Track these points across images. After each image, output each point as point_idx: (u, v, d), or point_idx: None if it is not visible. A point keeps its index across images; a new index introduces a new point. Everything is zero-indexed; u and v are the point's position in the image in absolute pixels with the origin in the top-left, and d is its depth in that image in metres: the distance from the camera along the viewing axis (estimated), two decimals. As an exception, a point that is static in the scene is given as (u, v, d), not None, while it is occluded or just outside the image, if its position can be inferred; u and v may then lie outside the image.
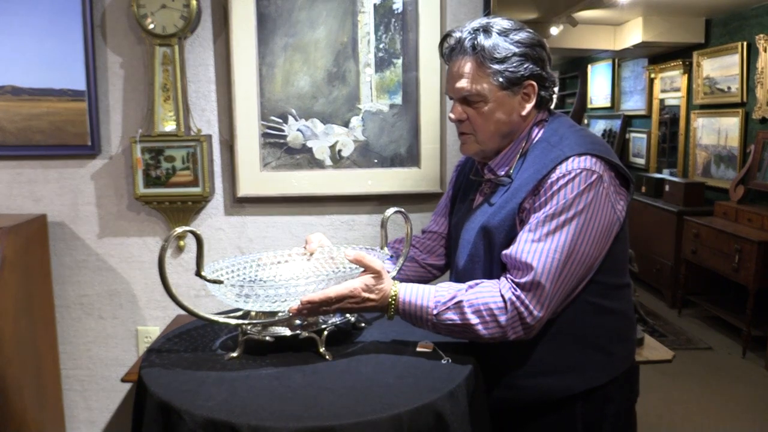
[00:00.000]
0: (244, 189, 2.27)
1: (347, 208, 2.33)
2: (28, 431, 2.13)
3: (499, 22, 1.39)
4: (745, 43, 4.75)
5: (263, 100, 2.23)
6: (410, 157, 2.26)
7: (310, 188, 2.27)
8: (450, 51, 1.42)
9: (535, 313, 1.28)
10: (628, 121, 6.90)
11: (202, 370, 1.34)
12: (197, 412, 1.15)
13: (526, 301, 1.28)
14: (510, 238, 1.36)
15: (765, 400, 3.54)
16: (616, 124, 7.01)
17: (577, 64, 8.18)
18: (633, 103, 6.81)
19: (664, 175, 5.65)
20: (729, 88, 4.97)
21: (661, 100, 6.18)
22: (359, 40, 2.21)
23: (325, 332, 1.42)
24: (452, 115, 1.44)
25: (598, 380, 1.41)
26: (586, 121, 7.83)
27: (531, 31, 1.40)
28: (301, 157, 2.27)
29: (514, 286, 1.29)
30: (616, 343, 1.44)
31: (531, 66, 1.37)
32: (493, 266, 1.39)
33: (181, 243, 2.33)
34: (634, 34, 5.51)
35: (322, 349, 1.40)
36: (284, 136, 2.26)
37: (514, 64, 1.36)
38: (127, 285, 2.36)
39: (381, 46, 2.22)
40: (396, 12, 2.20)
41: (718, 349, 4.29)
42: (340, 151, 2.26)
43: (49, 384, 2.31)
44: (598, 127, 7.44)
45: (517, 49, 1.36)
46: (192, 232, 1.40)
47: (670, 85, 5.98)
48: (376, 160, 2.27)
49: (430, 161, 2.26)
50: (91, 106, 2.23)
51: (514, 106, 1.40)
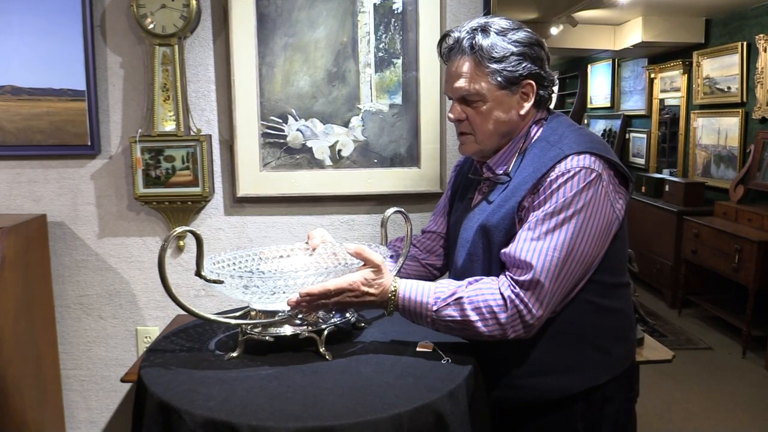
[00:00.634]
0: (244, 189, 2.27)
1: (347, 208, 2.33)
2: (28, 431, 2.13)
3: (498, 22, 1.39)
4: (745, 43, 4.75)
5: (263, 100, 2.23)
6: (410, 157, 2.26)
7: (310, 188, 2.27)
8: (448, 51, 1.43)
9: (535, 311, 1.28)
10: (628, 121, 6.90)
11: (202, 370, 1.34)
12: (197, 412, 1.15)
13: (526, 300, 1.27)
14: (509, 237, 1.36)
15: (765, 400, 3.54)
16: (616, 124, 7.01)
17: (577, 64, 8.18)
18: (633, 103, 6.81)
19: (664, 175, 5.65)
20: (729, 88, 4.97)
21: (661, 100, 6.18)
22: (359, 40, 2.21)
23: (325, 332, 1.42)
24: (451, 115, 1.44)
25: (598, 380, 1.41)
26: (586, 121, 7.83)
27: (529, 30, 1.41)
28: (301, 157, 2.27)
29: (514, 284, 1.29)
30: (616, 342, 1.44)
31: (529, 65, 1.38)
32: (492, 265, 1.39)
33: (181, 243, 2.33)
34: (633, 34, 5.51)
35: (322, 349, 1.40)
36: (284, 136, 2.26)
37: (513, 64, 1.36)
38: (127, 285, 2.36)
39: (381, 46, 2.22)
40: (396, 12, 2.20)
41: (718, 349, 4.29)
42: (340, 151, 2.26)
43: (49, 384, 2.31)
44: (598, 127, 7.44)
45: (515, 49, 1.36)
46: (192, 232, 1.40)
47: (670, 85, 5.99)
48: (375, 160, 2.27)
49: (429, 161, 2.26)
50: (91, 106, 2.23)
51: (512, 105, 1.40)
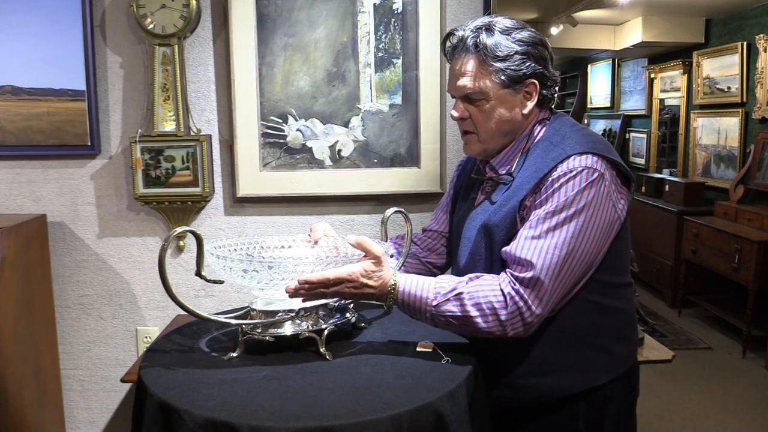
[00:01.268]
0: (244, 189, 2.27)
1: (347, 208, 2.33)
2: (28, 431, 2.13)
3: (502, 21, 1.39)
4: (745, 43, 4.75)
5: (263, 100, 2.23)
6: (410, 157, 2.26)
7: (310, 188, 2.27)
8: (452, 49, 1.43)
9: (534, 309, 1.28)
10: (628, 121, 6.90)
11: (202, 370, 1.34)
12: (197, 412, 1.15)
13: (526, 297, 1.27)
14: (510, 236, 1.36)
15: (765, 400, 3.54)
16: (616, 124, 7.01)
17: (577, 64, 8.18)
18: (633, 103, 6.81)
19: (664, 175, 5.65)
20: (729, 88, 4.97)
21: (661, 100, 6.18)
22: (359, 40, 2.21)
23: (325, 332, 1.42)
24: (454, 113, 1.44)
25: (599, 380, 1.41)
26: (586, 121, 7.83)
27: (533, 30, 1.41)
28: (301, 157, 2.27)
29: (514, 281, 1.29)
30: (617, 342, 1.44)
31: (533, 64, 1.38)
32: (494, 264, 1.39)
33: (181, 243, 2.33)
34: (633, 34, 5.51)
35: (322, 349, 1.40)
36: (284, 136, 2.26)
37: (516, 63, 1.36)
38: (127, 285, 2.36)
39: (381, 46, 2.22)
40: (396, 12, 2.20)
41: (718, 349, 4.29)
42: (339, 151, 2.26)
43: (49, 384, 2.31)
44: (598, 127, 7.44)
45: (519, 48, 1.37)
46: (192, 232, 1.40)
47: (670, 85, 5.99)
48: (376, 160, 2.27)
49: (430, 161, 2.26)
50: (90, 106, 2.23)
51: (515, 104, 1.40)
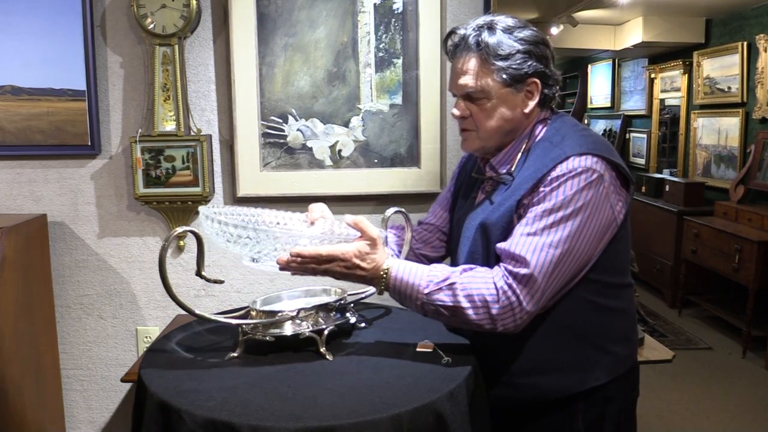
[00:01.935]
0: (244, 189, 2.27)
1: (347, 208, 2.32)
2: (28, 431, 2.13)
3: (504, 20, 1.39)
4: (746, 43, 4.75)
5: (263, 100, 2.23)
6: (410, 157, 2.26)
7: (310, 188, 2.27)
8: (454, 48, 1.43)
9: (525, 305, 1.27)
10: (628, 121, 6.90)
11: (202, 370, 1.34)
12: (197, 412, 1.15)
13: (518, 292, 1.27)
14: (507, 235, 1.36)
15: (765, 400, 3.54)
16: (616, 124, 7.01)
17: (577, 64, 8.18)
18: (633, 103, 6.81)
19: (664, 175, 5.65)
20: (729, 88, 4.97)
21: (661, 100, 6.18)
22: (359, 40, 2.21)
23: (326, 332, 1.42)
24: (455, 112, 1.44)
25: (598, 380, 1.41)
26: (586, 121, 7.83)
27: (535, 29, 1.41)
28: (301, 157, 2.27)
29: (508, 275, 1.28)
30: (617, 342, 1.44)
31: (535, 63, 1.38)
32: (491, 262, 1.39)
33: (181, 243, 2.33)
34: (634, 34, 5.51)
35: (322, 349, 1.40)
36: (284, 136, 2.26)
37: (518, 61, 1.36)
38: (127, 285, 2.36)
39: (381, 46, 2.22)
40: (396, 12, 2.20)
41: (718, 349, 4.29)
42: (340, 151, 2.26)
43: (49, 384, 2.31)
44: (598, 127, 7.44)
45: (521, 47, 1.36)
46: (192, 232, 1.40)
47: (670, 85, 5.99)
48: (376, 160, 2.27)
49: (430, 161, 2.26)
50: (91, 106, 2.23)
51: (517, 103, 1.40)
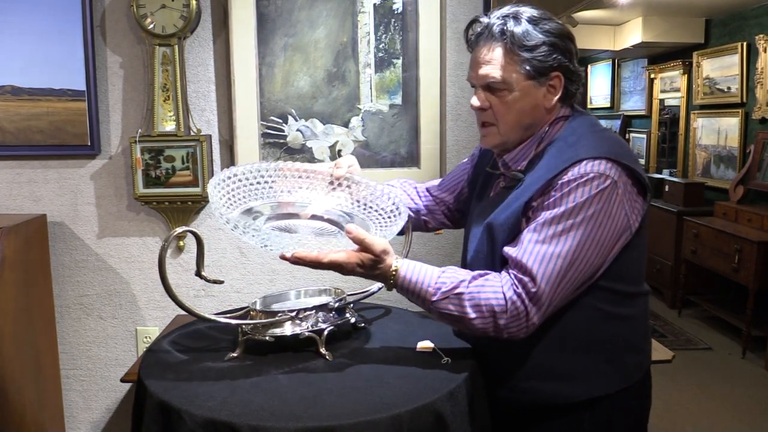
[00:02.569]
0: (244, 189, 2.26)
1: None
2: (28, 431, 2.13)
3: (529, 10, 1.34)
4: (745, 44, 4.75)
5: (263, 100, 2.23)
6: (410, 157, 2.26)
7: (310, 188, 2.27)
8: (476, 37, 1.37)
9: (532, 316, 1.25)
10: (628, 122, 6.90)
11: (202, 370, 1.34)
12: (197, 412, 1.15)
13: (527, 303, 1.25)
14: (513, 236, 1.32)
15: (765, 401, 3.54)
16: (616, 125, 7.01)
17: (576, 65, 8.17)
18: (633, 104, 6.81)
19: (664, 176, 5.65)
20: (729, 89, 4.97)
21: (661, 101, 6.18)
22: (359, 40, 2.21)
23: (325, 332, 1.42)
24: (475, 102, 1.38)
25: (604, 389, 1.36)
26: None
27: (560, 22, 1.36)
28: (301, 157, 2.26)
29: (517, 285, 1.26)
30: (627, 352, 1.39)
31: (559, 57, 1.33)
32: (495, 263, 1.35)
33: (181, 243, 2.33)
34: (633, 34, 5.51)
35: (322, 349, 1.40)
36: (284, 137, 2.26)
37: (543, 54, 1.31)
38: (127, 285, 2.36)
39: (381, 46, 2.22)
40: (396, 12, 2.20)
41: (718, 350, 4.29)
42: (339, 151, 2.26)
43: (49, 384, 2.31)
44: (598, 127, 7.43)
45: (546, 38, 1.32)
46: (192, 232, 1.40)
47: (670, 86, 5.99)
48: (375, 161, 2.27)
49: (429, 161, 2.25)
50: (90, 106, 2.23)
51: (538, 97, 1.35)
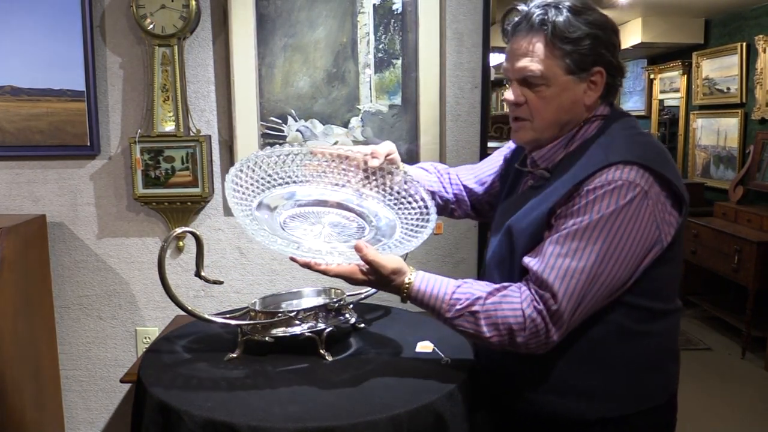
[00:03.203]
0: (244, 189, 2.26)
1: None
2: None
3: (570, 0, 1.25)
4: (745, 44, 4.75)
5: (262, 101, 2.23)
6: (410, 158, 2.26)
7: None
8: (514, 27, 1.27)
9: (552, 334, 1.19)
10: (628, 122, 6.90)
11: (202, 371, 1.34)
12: (196, 412, 1.15)
13: (547, 320, 1.18)
14: (534, 242, 1.24)
15: (765, 401, 3.53)
16: (616, 125, 7.02)
17: (576, 65, 8.17)
18: (632, 104, 6.81)
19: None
20: (728, 89, 4.98)
21: (661, 101, 6.19)
22: (359, 41, 2.21)
23: (325, 333, 1.42)
24: (510, 96, 1.29)
25: (623, 409, 1.28)
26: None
27: (604, 13, 1.26)
28: (301, 157, 2.26)
29: (538, 301, 1.19)
30: (649, 372, 1.30)
31: (602, 51, 1.23)
32: (514, 268, 1.29)
33: (181, 243, 2.33)
34: (633, 34, 5.52)
35: (322, 350, 1.40)
36: (284, 137, 2.26)
37: (585, 47, 1.22)
38: (127, 285, 2.36)
39: (380, 47, 2.22)
40: (395, 12, 2.20)
41: (717, 350, 4.29)
42: (339, 151, 2.26)
43: (49, 384, 2.30)
44: (598, 127, 7.44)
45: (589, 30, 1.22)
46: (191, 233, 1.41)
47: (670, 86, 5.99)
48: (375, 161, 2.26)
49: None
50: (90, 107, 2.22)
51: (578, 93, 1.26)
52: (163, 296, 2.01)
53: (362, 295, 1.65)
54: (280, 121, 2.25)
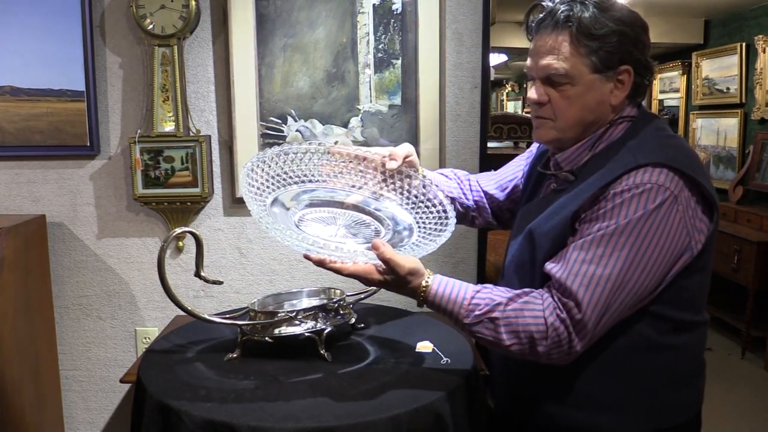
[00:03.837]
0: (244, 189, 2.26)
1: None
2: (27, 432, 2.13)
3: None
4: (744, 44, 4.75)
5: (262, 101, 2.23)
6: (409, 158, 2.26)
7: (310, 189, 2.27)
8: (538, 24, 1.23)
9: (575, 344, 1.14)
10: (628, 122, 6.90)
11: (202, 371, 1.34)
12: (196, 412, 1.15)
13: (570, 330, 1.13)
14: (556, 247, 1.20)
15: (764, 401, 3.54)
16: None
17: (576, 65, 8.17)
18: (632, 104, 6.81)
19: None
20: (728, 89, 4.98)
21: (661, 101, 6.19)
22: (358, 41, 2.21)
23: (325, 333, 1.42)
24: (533, 95, 1.24)
25: (642, 426, 1.23)
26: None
27: (633, 10, 1.22)
28: (301, 157, 2.26)
29: (560, 308, 1.14)
30: (673, 387, 1.25)
31: (630, 48, 1.19)
32: (535, 273, 1.24)
33: (180, 244, 2.32)
34: (633, 34, 5.52)
35: (322, 350, 1.40)
36: (283, 137, 2.25)
37: (612, 44, 1.17)
38: (126, 286, 2.36)
39: (380, 47, 2.22)
40: (395, 12, 2.20)
41: (717, 350, 4.29)
42: (339, 151, 2.26)
43: (48, 385, 2.30)
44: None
45: (617, 27, 1.17)
46: (191, 233, 1.41)
47: (669, 86, 5.99)
48: (375, 161, 2.26)
49: (429, 162, 2.25)
50: (90, 107, 2.22)
51: (604, 93, 1.21)
52: (163, 296, 2.01)
53: (362, 296, 1.65)
54: (280, 122, 2.25)
